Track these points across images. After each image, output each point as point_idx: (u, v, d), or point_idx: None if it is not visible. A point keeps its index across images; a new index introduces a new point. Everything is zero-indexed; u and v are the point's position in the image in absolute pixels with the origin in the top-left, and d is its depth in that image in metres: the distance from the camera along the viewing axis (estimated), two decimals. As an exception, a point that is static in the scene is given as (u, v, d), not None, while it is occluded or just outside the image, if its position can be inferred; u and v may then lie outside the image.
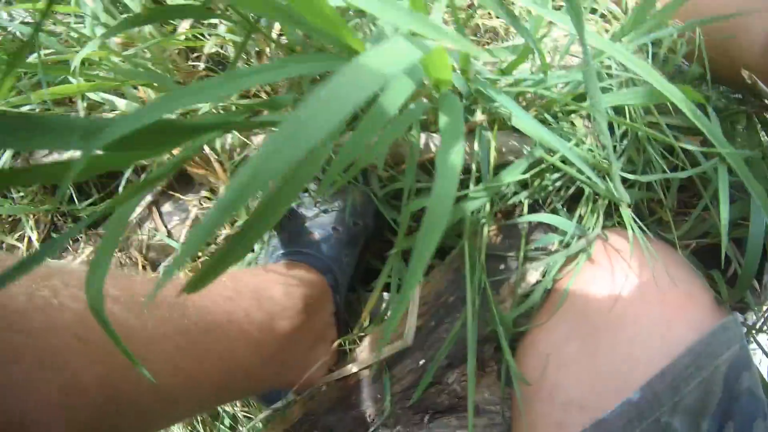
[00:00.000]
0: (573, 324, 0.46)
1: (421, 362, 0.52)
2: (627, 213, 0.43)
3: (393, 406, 0.54)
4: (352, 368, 0.52)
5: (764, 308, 0.63)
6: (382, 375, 0.53)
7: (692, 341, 0.40)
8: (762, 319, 0.63)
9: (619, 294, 0.44)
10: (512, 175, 0.41)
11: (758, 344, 0.60)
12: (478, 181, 0.45)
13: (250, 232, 0.25)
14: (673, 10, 0.47)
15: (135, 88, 0.61)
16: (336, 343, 0.53)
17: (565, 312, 0.47)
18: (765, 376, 0.52)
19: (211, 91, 0.27)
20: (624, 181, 0.51)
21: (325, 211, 0.52)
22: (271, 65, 0.28)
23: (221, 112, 0.55)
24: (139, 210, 0.67)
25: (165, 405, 0.38)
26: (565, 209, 0.49)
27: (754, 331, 0.61)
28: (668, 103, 0.52)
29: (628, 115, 0.48)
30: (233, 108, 0.52)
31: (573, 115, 0.49)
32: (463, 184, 0.46)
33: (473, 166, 0.44)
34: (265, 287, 0.48)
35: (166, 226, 0.64)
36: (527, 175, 0.41)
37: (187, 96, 0.26)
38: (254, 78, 0.28)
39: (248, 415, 0.67)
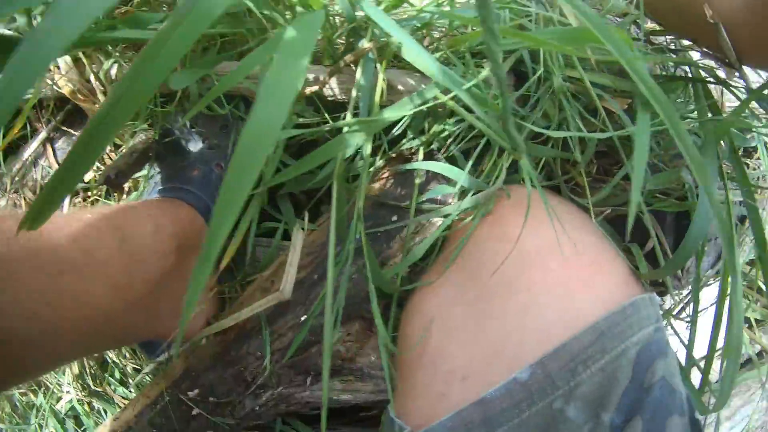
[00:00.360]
0: (461, 285, 0.42)
1: (303, 318, 0.48)
2: (526, 164, 0.39)
3: (273, 365, 0.50)
4: (229, 322, 0.48)
5: (684, 293, 0.59)
6: (261, 330, 0.49)
7: (596, 317, 0.35)
8: (681, 304, 0.60)
9: (515, 256, 0.39)
10: (395, 112, 0.37)
11: (675, 331, 0.56)
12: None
13: (79, 159, 0.21)
14: None
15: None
16: (214, 291, 0.49)
17: (455, 272, 0.43)
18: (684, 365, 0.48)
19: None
20: (537, 136, 0.47)
21: (210, 147, 0.47)
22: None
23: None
24: (34, 146, 0.62)
25: (24, 351, 0.35)
26: (468, 161, 0.45)
27: (671, 317, 0.58)
28: (593, 59, 0.48)
29: (542, 63, 0.44)
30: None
31: (485, 60, 0.45)
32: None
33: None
34: (131, 225, 0.43)
35: (59, 164, 0.59)
36: (410, 111, 0.37)
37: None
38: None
39: (137, 367, 0.62)
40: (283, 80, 0.22)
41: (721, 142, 0.51)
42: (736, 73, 0.47)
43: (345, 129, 0.36)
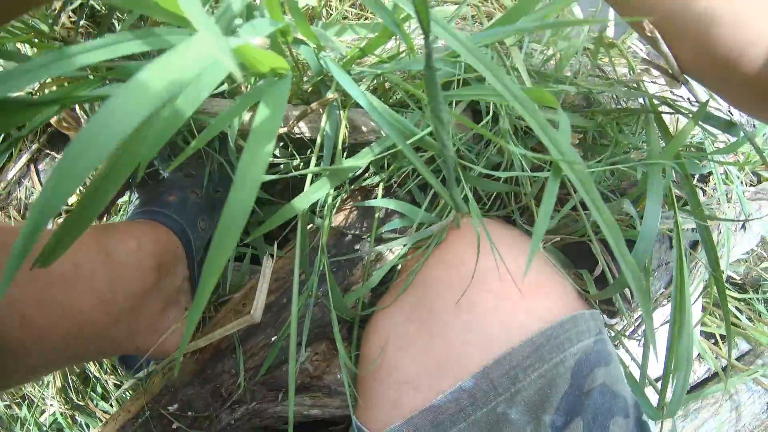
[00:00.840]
0: (412, 306, 0.46)
1: (273, 338, 0.51)
2: (474, 206, 0.42)
3: (247, 382, 0.53)
4: (203, 342, 0.51)
5: (635, 315, 0.63)
6: (235, 349, 0.52)
7: (534, 331, 0.39)
8: (633, 326, 0.63)
9: (460, 280, 0.43)
10: (356, 162, 0.40)
11: (627, 350, 0.60)
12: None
13: (83, 213, 0.24)
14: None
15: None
16: (189, 310, 0.52)
17: (408, 295, 0.47)
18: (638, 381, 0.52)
19: (40, 71, 0.26)
20: (493, 167, 0.51)
21: (187, 176, 0.51)
22: (104, 41, 0.27)
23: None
24: (18, 167, 0.65)
25: (15, 356, 0.38)
26: (426, 198, 0.48)
27: (624, 337, 0.62)
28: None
29: (491, 105, 0.48)
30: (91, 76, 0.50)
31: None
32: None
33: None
34: (115, 242, 0.46)
35: (41, 184, 0.62)
36: (369, 160, 0.40)
37: (16, 77, 0.25)
38: (86, 57, 0.27)
39: (117, 382, 0.65)
40: (252, 166, 0.26)
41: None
42: (682, 85, 0.49)
43: (309, 177, 0.40)
